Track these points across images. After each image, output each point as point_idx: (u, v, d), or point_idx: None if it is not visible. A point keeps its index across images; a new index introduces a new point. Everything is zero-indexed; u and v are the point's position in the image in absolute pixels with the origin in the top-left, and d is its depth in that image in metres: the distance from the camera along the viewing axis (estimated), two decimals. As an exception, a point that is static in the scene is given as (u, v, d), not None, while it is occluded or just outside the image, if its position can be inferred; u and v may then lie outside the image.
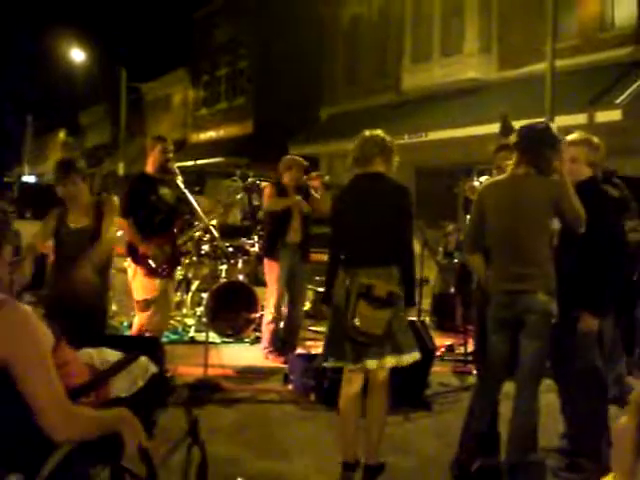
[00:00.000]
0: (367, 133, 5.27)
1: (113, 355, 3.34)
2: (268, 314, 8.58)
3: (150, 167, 7.32)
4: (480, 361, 5.62)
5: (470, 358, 8.15)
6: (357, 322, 4.80)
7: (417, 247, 6.86)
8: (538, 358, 4.84)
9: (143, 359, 3.34)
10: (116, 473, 2.97)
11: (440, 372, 7.94)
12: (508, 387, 5.12)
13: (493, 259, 5.00)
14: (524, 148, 4.93)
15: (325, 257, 12.10)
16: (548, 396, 5.57)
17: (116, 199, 6.09)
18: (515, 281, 4.82)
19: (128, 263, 7.22)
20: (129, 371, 3.20)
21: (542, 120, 5.23)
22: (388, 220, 5.00)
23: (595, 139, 5.41)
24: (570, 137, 5.40)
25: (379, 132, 5.28)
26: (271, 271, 8.54)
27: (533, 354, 4.80)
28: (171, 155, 7.37)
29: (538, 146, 4.88)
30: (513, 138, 5.06)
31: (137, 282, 7.11)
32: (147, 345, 3.94)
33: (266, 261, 8.67)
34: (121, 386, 3.14)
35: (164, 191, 7.19)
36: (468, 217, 6.99)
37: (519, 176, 4.90)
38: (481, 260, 5.07)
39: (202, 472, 3.29)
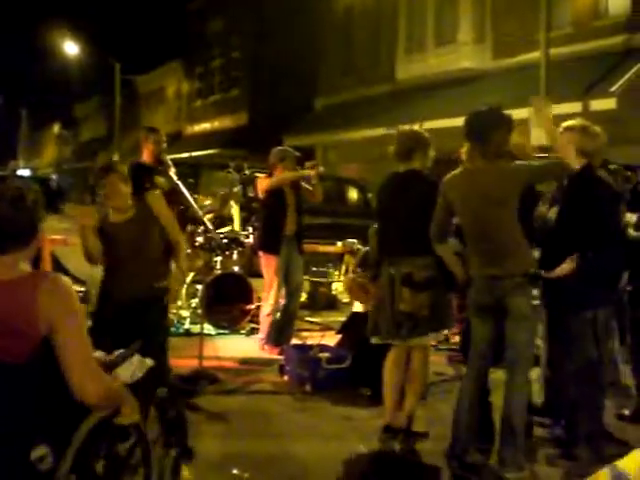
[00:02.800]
0: (406, 128, 5.88)
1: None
2: (267, 306, 8.57)
3: (146, 157, 7.35)
4: (466, 352, 5.65)
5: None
6: (402, 307, 5.36)
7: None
8: (525, 341, 4.86)
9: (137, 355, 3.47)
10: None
11: (435, 361, 7.92)
12: (499, 376, 5.14)
13: (469, 247, 5.09)
14: (470, 136, 5.01)
15: (319, 247, 12.05)
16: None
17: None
18: (492, 266, 4.88)
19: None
20: (130, 362, 3.37)
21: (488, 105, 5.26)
22: (422, 215, 5.34)
23: (593, 128, 5.33)
24: (565, 123, 5.38)
25: (415, 127, 5.98)
26: (269, 265, 8.50)
27: (520, 337, 4.84)
28: (164, 146, 7.40)
29: (483, 131, 4.93)
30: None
31: None
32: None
33: (263, 255, 8.61)
34: (124, 375, 3.30)
35: (159, 180, 7.21)
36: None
37: (474, 170, 4.94)
38: (448, 249, 5.19)
39: (176, 469, 3.39)
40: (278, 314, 8.64)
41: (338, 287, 12.07)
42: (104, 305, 5.48)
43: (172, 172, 7.32)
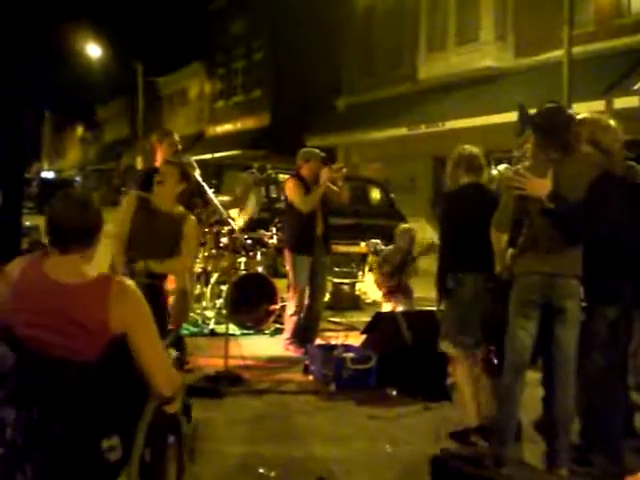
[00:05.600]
0: (473, 149, 6.04)
1: None
2: (292, 306, 8.60)
3: (159, 162, 7.41)
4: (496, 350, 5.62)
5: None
6: (490, 318, 5.49)
7: (435, 237, 6.87)
8: (575, 345, 4.83)
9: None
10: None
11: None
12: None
13: (532, 239, 4.88)
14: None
15: (342, 248, 11.96)
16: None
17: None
18: (553, 263, 4.77)
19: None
20: None
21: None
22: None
23: (606, 121, 5.18)
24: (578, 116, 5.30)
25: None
26: (298, 265, 8.53)
27: (573, 342, 4.79)
28: (179, 147, 7.48)
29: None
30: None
31: None
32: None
33: (293, 256, 8.63)
34: None
35: None
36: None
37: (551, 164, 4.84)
38: (504, 240, 5.05)
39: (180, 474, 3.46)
40: (302, 314, 8.66)
41: (361, 287, 12.09)
42: None
43: (197, 174, 7.37)
